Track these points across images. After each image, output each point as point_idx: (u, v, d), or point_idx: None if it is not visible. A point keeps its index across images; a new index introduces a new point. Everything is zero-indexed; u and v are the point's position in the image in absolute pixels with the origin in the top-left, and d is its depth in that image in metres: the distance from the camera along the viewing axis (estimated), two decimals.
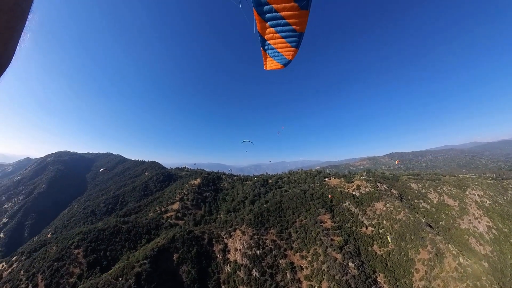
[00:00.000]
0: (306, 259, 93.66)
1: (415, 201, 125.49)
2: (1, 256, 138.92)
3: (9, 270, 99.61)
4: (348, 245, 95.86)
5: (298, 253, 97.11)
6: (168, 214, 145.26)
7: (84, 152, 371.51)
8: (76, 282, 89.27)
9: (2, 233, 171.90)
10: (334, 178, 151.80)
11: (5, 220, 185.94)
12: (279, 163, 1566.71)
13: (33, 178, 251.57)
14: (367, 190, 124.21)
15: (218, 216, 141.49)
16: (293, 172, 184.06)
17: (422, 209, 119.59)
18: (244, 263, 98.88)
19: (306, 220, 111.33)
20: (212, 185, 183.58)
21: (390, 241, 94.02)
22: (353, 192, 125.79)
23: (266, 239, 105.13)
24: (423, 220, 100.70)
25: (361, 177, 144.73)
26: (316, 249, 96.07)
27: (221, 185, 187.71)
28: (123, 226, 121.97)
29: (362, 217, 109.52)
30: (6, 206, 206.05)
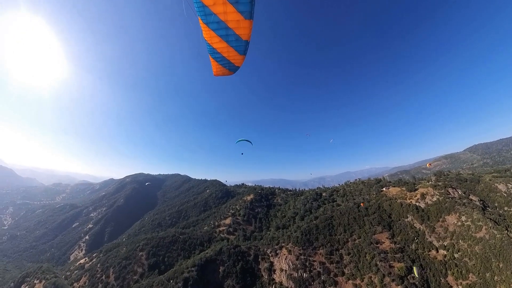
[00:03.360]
0: None
1: (505, 209, 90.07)
2: (85, 252, 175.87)
3: (90, 263, 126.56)
4: (412, 274, 76.70)
5: (350, 281, 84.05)
6: (221, 229, 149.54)
7: (156, 174, 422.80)
8: (138, 279, 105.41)
9: (87, 236, 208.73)
10: (394, 186, 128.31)
11: (90, 225, 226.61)
12: (344, 174, 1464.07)
13: (114, 194, 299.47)
14: (435, 199, 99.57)
15: (268, 232, 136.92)
16: (350, 183, 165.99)
17: None
18: (290, 287, 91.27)
19: (359, 239, 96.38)
20: (264, 201, 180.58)
21: (416, 275, 73.00)
22: (417, 203, 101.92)
23: (314, 261, 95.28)
24: None
25: (427, 183, 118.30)
26: (371, 277, 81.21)
27: (274, 201, 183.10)
28: (180, 236, 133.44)
29: (430, 236, 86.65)
30: (92, 215, 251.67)
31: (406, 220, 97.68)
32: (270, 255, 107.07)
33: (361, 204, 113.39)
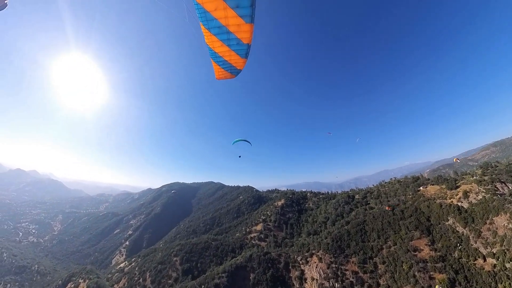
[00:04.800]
0: None
1: None
2: (125, 257, 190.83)
3: (129, 266, 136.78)
4: (456, 287, 69.03)
5: None
6: (252, 235, 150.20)
7: (191, 182, 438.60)
8: (173, 284, 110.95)
9: (127, 242, 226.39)
10: (432, 184, 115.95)
11: (130, 232, 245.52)
12: (381, 173, 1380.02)
13: (152, 203, 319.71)
14: (480, 197, 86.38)
15: (300, 238, 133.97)
16: (384, 183, 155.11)
17: None
18: None
19: (395, 247, 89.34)
20: (296, 206, 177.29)
21: None
22: (459, 203, 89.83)
23: (346, 270, 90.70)
24: None
25: (471, 178, 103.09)
26: None
27: (306, 205, 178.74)
28: (212, 243, 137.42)
29: (476, 242, 75.45)
30: (132, 222, 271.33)
31: (447, 223, 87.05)
32: (300, 262, 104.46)
33: (387, 207, 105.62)
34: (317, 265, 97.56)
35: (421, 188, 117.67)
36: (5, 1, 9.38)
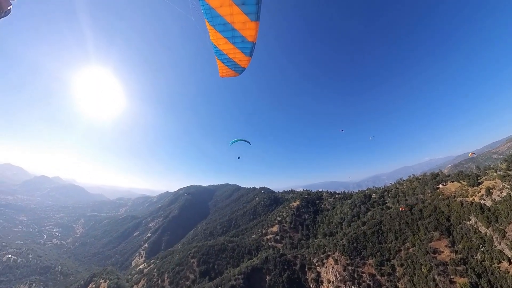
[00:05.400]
0: None
1: None
2: (145, 259, 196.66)
3: (148, 268, 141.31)
4: None
5: None
6: (268, 237, 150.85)
7: (207, 185, 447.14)
8: (190, 285, 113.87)
9: (146, 244, 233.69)
10: (452, 181, 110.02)
11: (149, 234, 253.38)
12: (400, 170, 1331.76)
13: (169, 205, 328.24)
14: (504, 194, 79.03)
15: (316, 239, 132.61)
16: (402, 181, 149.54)
17: None
18: None
19: (413, 248, 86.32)
20: (311, 206, 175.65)
21: None
22: (482, 201, 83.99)
23: (363, 272, 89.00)
24: None
25: (495, 173, 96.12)
26: None
27: (322, 206, 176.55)
28: (229, 244, 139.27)
29: (500, 243, 70.20)
30: (150, 225, 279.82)
31: (468, 223, 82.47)
32: (316, 264, 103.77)
33: (401, 208, 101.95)
34: (333, 267, 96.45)
35: (440, 185, 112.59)
36: (9, 7, 9.54)
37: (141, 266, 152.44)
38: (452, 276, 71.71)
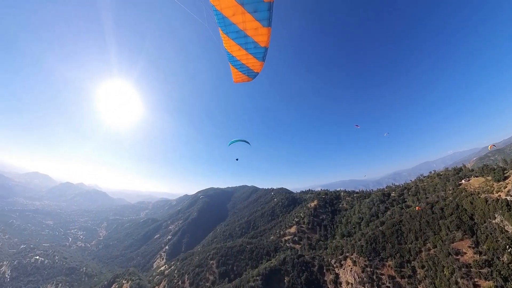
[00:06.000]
0: None
1: None
2: (166, 261, 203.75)
3: (169, 269, 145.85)
4: None
5: None
6: (286, 238, 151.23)
7: (225, 187, 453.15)
8: (210, 286, 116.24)
9: (167, 246, 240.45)
10: (476, 176, 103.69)
11: (169, 237, 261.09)
12: (421, 165, 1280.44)
13: (188, 208, 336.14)
14: None
15: (334, 240, 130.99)
16: (423, 177, 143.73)
17: None
18: None
19: (435, 249, 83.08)
20: (329, 206, 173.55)
21: None
22: (508, 197, 77.83)
23: (382, 274, 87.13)
24: None
25: None
26: None
27: (340, 205, 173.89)
28: (247, 246, 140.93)
29: None
30: (170, 227, 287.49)
31: (493, 221, 77.41)
32: (334, 266, 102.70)
33: (417, 208, 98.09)
34: (351, 268, 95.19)
35: (463, 181, 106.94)
36: None
37: (162, 268, 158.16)
38: (476, 279, 67.93)
